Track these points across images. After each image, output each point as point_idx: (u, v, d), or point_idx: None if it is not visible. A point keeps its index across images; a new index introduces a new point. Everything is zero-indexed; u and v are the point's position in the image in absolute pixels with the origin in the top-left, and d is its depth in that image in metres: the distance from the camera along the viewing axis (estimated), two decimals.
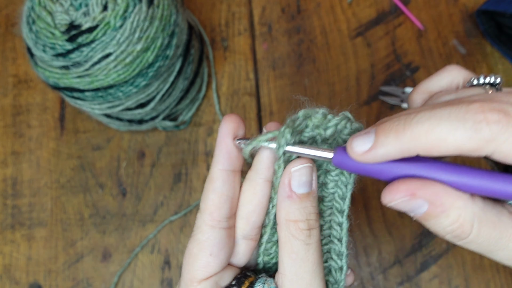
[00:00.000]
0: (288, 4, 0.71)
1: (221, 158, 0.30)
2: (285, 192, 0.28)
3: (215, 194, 0.29)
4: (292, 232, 0.28)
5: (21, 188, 0.65)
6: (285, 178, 0.28)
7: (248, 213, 0.30)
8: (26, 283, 0.61)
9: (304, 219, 0.28)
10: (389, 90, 0.65)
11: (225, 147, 0.30)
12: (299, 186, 0.28)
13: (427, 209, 0.24)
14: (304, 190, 0.28)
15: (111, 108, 0.56)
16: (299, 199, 0.28)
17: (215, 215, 0.29)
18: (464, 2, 0.69)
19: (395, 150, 0.24)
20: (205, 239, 0.29)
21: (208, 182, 0.30)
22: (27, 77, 0.70)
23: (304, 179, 0.28)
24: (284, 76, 0.67)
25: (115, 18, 0.49)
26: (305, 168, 0.28)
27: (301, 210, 0.28)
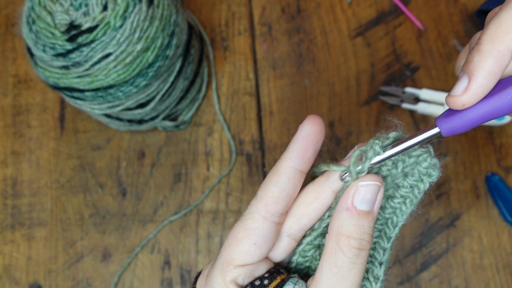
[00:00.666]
0: (288, 4, 0.71)
1: (294, 156, 0.29)
2: (346, 204, 0.28)
3: (277, 188, 0.29)
4: (341, 246, 0.27)
5: (21, 188, 0.65)
6: (350, 190, 0.28)
7: (302, 215, 0.30)
8: (26, 283, 0.61)
9: (357, 237, 0.27)
10: (389, 90, 0.65)
11: (303, 147, 0.29)
12: (361, 202, 0.27)
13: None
14: (366, 208, 0.27)
15: (111, 108, 0.56)
16: (358, 215, 0.27)
17: (270, 208, 0.29)
18: (464, 2, 0.69)
19: (491, 59, 0.24)
20: (254, 227, 0.29)
21: (273, 173, 0.30)
22: (27, 77, 0.70)
23: (369, 197, 0.28)
24: (284, 76, 0.67)
25: (115, 18, 0.49)
26: (373, 186, 0.28)
27: (356, 226, 0.27)
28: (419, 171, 0.30)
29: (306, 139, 0.29)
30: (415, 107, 0.63)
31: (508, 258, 0.59)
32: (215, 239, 0.61)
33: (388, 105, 0.65)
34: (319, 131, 0.29)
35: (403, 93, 0.64)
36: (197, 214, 0.62)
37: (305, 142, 0.29)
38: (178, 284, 0.60)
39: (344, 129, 0.64)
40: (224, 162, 0.64)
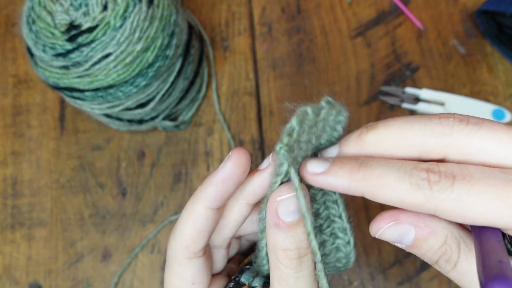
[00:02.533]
0: (288, 4, 0.71)
1: (212, 198, 0.27)
2: (273, 221, 0.26)
3: (194, 230, 0.28)
4: (281, 261, 0.26)
5: (21, 188, 0.65)
6: (271, 205, 0.26)
7: (220, 227, 0.29)
8: (26, 283, 0.61)
9: (294, 248, 0.26)
10: (389, 90, 0.65)
11: (223, 190, 0.27)
12: (287, 215, 0.26)
13: (415, 234, 0.24)
14: (293, 218, 0.26)
15: (111, 108, 0.56)
16: (288, 228, 0.26)
17: (191, 249, 0.28)
18: (464, 2, 0.69)
19: (343, 184, 0.25)
20: (184, 270, 0.28)
21: (188, 214, 0.28)
22: (27, 77, 0.70)
23: (292, 208, 0.26)
24: (284, 76, 0.67)
25: (115, 18, 0.49)
26: (293, 197, 0.26)
27: (290, 238, 0.26)
28: (330, 127, 0.29)
29: (226, 182, 0.27)
30: (415, 107, 0.63)
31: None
32: None
33: (388, 105, 0.65)
34: (242, 172, 0.27)
35: (403, 93, 0.64)
36: None
37: (225, 186, 0.27)
38: None
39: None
40: None
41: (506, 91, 0.65)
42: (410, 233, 0.25)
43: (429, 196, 0.22)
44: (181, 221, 0.28)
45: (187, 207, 0.28)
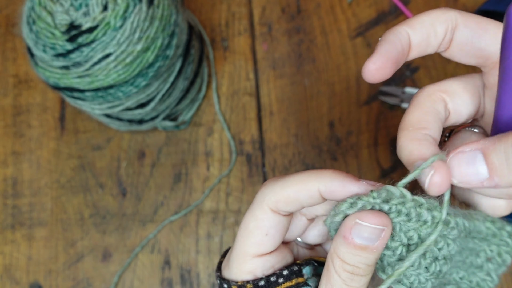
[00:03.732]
0: (288, 4, 0.71)
1: (326, 188, 0.27)
2: (343, 232, 0.25)
3: (293, 197, 0.27)
4: (335, 266, 0.26)
5: (21, 188, 0.65)
6: (348, 221, 0.25)
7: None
8: (27, 283, 0.61)
9: (351, 264, 0.25)
10: (389, 90, 0.65)
11: (338, 191, 0.27)
12: (358, 237, 0.25)
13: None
14: (364, 243, 0.25)
15: (111, 108, 0.56)
16: (354, 247, 0.25)
17: (280, 206, 0.28)
18: (464, 2, 0.69)
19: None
20: (263, 218, 0.28)
21: (299, 181, 0.27)
22: (28, 77, 0.70)
23: (366, 235, 0.25)
24: (284, 76, 0.67)
25: (115, 18, 0.49)
26: (371, 228, 0.25)
27: (351, 255, 0.25)
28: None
29: (344, 188, 0.27)
30: None
31: None
32: (215, 239, 0.61)
33: (388, 105, 0.65)
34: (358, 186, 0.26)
35: (403, 93, 0.64)
36: (197, 214, 0.62)
37: (341, 189, 0.27)
38: (178, 284, 0.60)
39: (344, 129, 0.64)
40: (224, 162, 0.64)
41: None
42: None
43: None
44: (291, 181, 0.27)
45: (304, 175, 0.27)
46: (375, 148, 0.63)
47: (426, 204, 0.24)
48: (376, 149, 0.63)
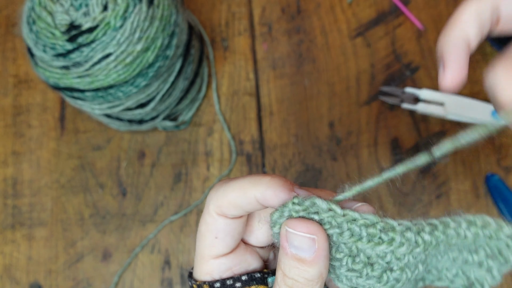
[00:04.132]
0: (288, 4, 0.71)
1: (263, 197, 0.27)
2: (281, 241, 0.25)
3: (234, 202, 0.28)
4: (278, 279, 0.26)
5: (22, 188, 0.65)
6: (282, 230, 0.25)
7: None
8: (27, 283, 0.61)
9: (291, 277, 0.25)
10: (389, 90, 0.65)
11: (275, 200, 0.26)
12: (294, 247, 0.25)
13: None
14: (300, 253, 0.24)
15: (111, 108, 0.56)
16: (291, 257, 0.25)
17: (224, 210, 0.28)
18: None
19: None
20: (211, 222, 0.28)
21: (239, 187, 0.27)
22: (28, 77, 0.70)
23: (296, 244, 0.24)
24: (284, 76, 0.67)
25: (115, 18, 0.49)
26: (301, 237, 0.24)
27: (289, 267, 0.25)
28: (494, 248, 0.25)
29: (278, 198, 0.26)
30: (415, 107, 0.63)
31: None
32: None
33: (388, 105, 0.65)
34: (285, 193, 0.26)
35: (403, 93, 0.64)
36: (197, 214, 0.62)
37: (278, 198, 0.26)
38: (178, 284, 0.60)
39: (344, 129, 0.64)
40: (224, 162, 0.64)
41: None
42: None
43: None
44: (232, 186, 0.27)
45: (245, 181, 0.27)
46: (375, 148, 0.63)
47: (361, 220, 0.24)
48: (376, 149, 0.63)
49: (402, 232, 0.24)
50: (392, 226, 0.24)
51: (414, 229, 0.24)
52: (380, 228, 0.24)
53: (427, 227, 0.24)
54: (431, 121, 0.64)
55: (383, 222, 0.24)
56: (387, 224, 0.24)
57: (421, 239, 0.24)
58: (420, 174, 0.62)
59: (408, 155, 0.63)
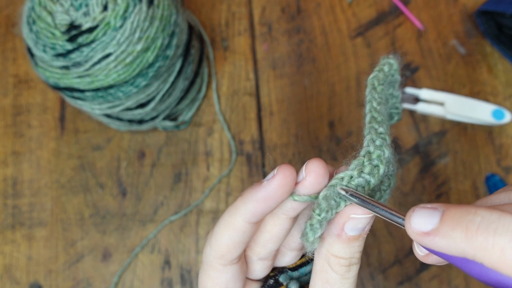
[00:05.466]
0: (288, 4, 0.71)
1: (251, 214, 0.27)
2: (336, 231, 0.26)
3: (230, 241, 0.27)
4: (331, 265, 0.27)
5: (22, 188, 0.65)
6: (340, 219, 0.26)
7: (265, 241, 0.29)
8: (27, 283, 0.61)
9: (347, 257, 0.27)
10: None
11: (264, 208, 0.27)
12: (352, 230, 0.26)
13: None
14: (356, 233, 0.26)
15: (111, 108, 0.56)
16: (348, 240, 0.26)
17: (226, 257, 0.28)
18: (464, 2, 0.69)
19: (457, 250, 0.20)
20: (218, 276, 0.28)
21: (225, 225, 0.27)
22: (28, 77, 0.70)
23: (360, 226, 0.26)
24: (284, 76, 0.67)
25: (115, 18, 0.49)
26: (366, 219, 0.26)
27: (346, 249, 0.26)
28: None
29: (268, 201, 0.26)
30: (415, 107, 0.63)
31: None
32: None
33: None
34: (286, 192, 0.26)
35: (403, 93, 0.64)
36: (197, 214, 0.62)
37: (266, 205, 0.26)
38: (178, 284, 0.60)
39: (344, 129, 0.64)
40: (224, 162, 0.64)
41: (505, 91, 0.65)
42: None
43: None
44: (218, 230, 0.28)
45: (225, 217, 0.28)
46: None
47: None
48: None
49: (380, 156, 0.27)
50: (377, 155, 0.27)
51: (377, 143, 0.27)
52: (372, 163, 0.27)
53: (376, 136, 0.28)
54: (431, 121, 0.64)
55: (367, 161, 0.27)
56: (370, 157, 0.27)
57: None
58: (420, 174, 0.62)
59: (408, 155, 0.63)
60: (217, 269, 0.28)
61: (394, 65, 0.33)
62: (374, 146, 0.27)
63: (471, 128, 0.64)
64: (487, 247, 0.19)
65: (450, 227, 0.20)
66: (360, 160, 0.27)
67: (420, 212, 0.22)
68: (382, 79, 0.31)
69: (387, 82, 0.33)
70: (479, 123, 0.63)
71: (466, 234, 0.20)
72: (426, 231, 0.21)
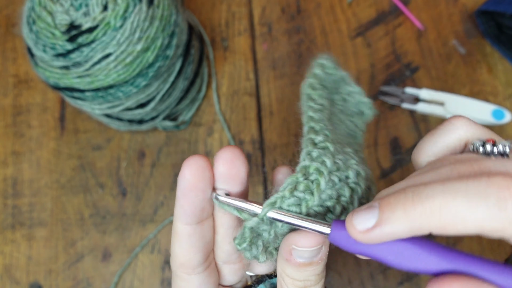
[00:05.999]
0: (288, 4, 0.71)
1: (182, 214, 0.26)
2: (285, 255, 0.25)
3: (181, 249, 0.27)
4: (287, 284, 0.26)
5: (22, 188, 0.65)
6: (285, 245, 0.25)
7: (219, 242, 0.29)
8: (27, 283, 0.61)
9: (302, 279, 0.26)
10: (389, 90, 0.65)
11: (189, 203, 0.26)
12: (300, 258, 0.25)
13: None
14: (306, 261, 0.25)
15: (111, 108, 0.56)
16: (299, 266, 0.25)
17: (187, 265, 0.28)
18: (464, 2, 0.69)
19: (404, 228, 0.21)
20: (184, 285, 0.28)
21: (173, 233, 0.27)
22: (28, 77, 0.70)
23: (307, 256, 0.25)
24: (284, 76, 0.67)
25: (115, 18, 0.49)
26: (312, 250, 0.25)
27: (298, 273, 0.25)
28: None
29: (188, 193, 0.26)
30: (415, 107, 0.63)
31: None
32: None
33: (388, 105, 0.65)
34: (201, 178, 0.26)
35: (403, 93, 0.64)
36: None
37: (188, 198, 0.26)
38: None
39: None
40: None
41: (505, 91, 0.65)
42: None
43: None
44: (171, 240, 0.28)
45: (172, 226, 0.28)
46: (375, 148, 0.63)
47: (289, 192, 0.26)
48: (376, 149, 0.63)
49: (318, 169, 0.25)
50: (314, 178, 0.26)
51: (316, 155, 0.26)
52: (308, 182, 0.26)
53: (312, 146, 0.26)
54: (431, 121, 0.64)
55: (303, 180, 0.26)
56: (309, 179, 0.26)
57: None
58: None
59: (408, 155, 0.63)
60: (183, 279, 0.28)
61: (327, 63, 0.31)
62: (310, 159, 0.25)
63: None
64: (426, 214, 0.20)
65: (390, 211, 0.21)
66: (293, 177, 0.25)
67: (359, 213, 0.22)
68: (317, 83, 0.30)
69: (329, 84, 0.31)
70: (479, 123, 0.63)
71: (405, 211, 0.21)
72: (371, 226, 0.22)
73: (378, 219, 0.22)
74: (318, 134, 0.26)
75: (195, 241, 0.27)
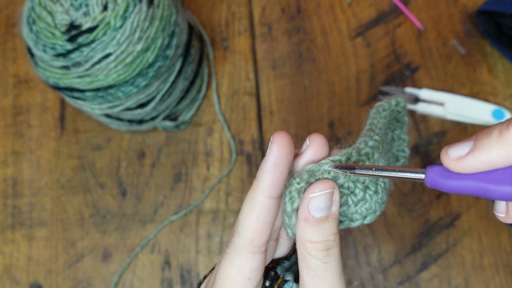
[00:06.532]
0: (288, 4, 0.71)
1: (269, 186, 0.28)
2: (303, 215, 0.27)
3: (258, 223, 0.28)
4: (309, 251, 0.27)
5: (22, 188, 0.65)
6: (304, 201, 0.27)
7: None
8: (27, 283, 0.61)
9: (321, 241, 0.27)
10: (389, 90, 0.65)
11: (276, 176, 0.28)
12: (317, 211, 0.27)
13: None
14: (323, 214, 0.27)
15: (111, 108, 0.56)
16: (317, 222, 0.27)
17: (256, 242, 0.28)
18: (464, 2, 0.69)
19: (500, 154, 0.21)
20: (244, 264, 0.28)
21: (250, 207, 0.28)
22: (28, 77, 0.70)
23: (323, 205, 0.27)
24: (284, 76, 0.67)
25: (115, 18, 0.49)
26: (324, 195, 0.27)
27: (318, 232, 0.27)
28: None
29: (277, 166, 0.27)
30: (415, 107, 0.63)
31: (507, 258, 0.59)
32: (215, 239, 0.61)
33: None
34: (289, 151, 0.28)
35: (403, 93, 0.64)
36: (197, 214, 0.62)
37: (277, 170, 0.28)
38: (178, 284, 0.60)
39: (344, 129, 0.64)
40: (224, 162, 0.64)
41: (505, 91, 0.65)
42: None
43: None
44: (243, 215, 0.28)
45: (247, 200, 0.28)
46: None
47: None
48: None
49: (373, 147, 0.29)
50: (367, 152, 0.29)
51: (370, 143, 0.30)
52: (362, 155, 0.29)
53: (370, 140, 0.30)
54: (431, 121, 0.64)
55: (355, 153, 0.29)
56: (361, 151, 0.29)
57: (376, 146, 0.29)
58: None
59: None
60: (246, 257, 0.28)
61: (401, 103, 0.34)
62: (365, 144, 0.29)
63: (471, 128, 0.64)
64: None
65: (485, 137, 0.21)
66: (349, 150, 0.29)
67: (456, 144, 0.23)
68: (387, 108, 0.33)
69: (392, 115, 0.34)
70: (479, 123, 0.63)
71: (501, 136, 0.21)
72: (464, 154, 0.22)
73: (473, 147, 0.21)
74: (377, 134, 0.30)
75: (272, 215, 0.28)
